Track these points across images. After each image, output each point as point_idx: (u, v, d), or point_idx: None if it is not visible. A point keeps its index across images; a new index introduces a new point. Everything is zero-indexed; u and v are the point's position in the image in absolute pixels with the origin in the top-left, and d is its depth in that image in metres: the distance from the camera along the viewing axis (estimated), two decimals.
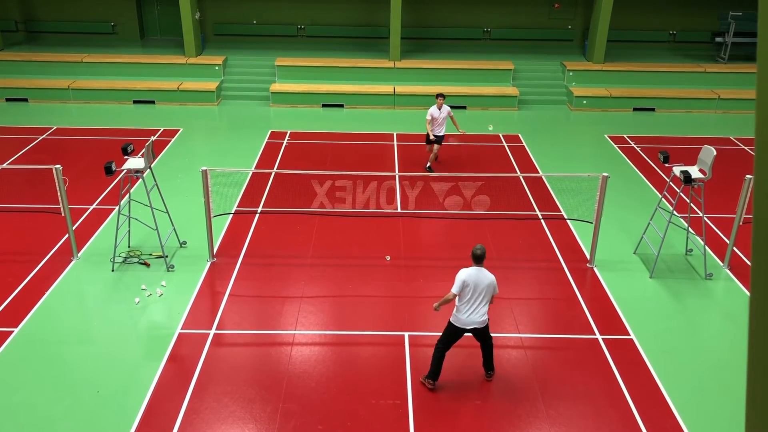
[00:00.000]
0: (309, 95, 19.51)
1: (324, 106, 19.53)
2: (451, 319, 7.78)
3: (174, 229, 11.27)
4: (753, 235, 2.19)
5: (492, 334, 8.99)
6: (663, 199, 12.13)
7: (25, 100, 19.36)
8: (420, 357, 8.62)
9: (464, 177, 13.57)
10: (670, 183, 11.42)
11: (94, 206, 12.72)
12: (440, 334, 8.01)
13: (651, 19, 22.60)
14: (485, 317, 7.71)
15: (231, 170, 13.66)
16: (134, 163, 10.38)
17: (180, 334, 9.05)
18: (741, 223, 10.63)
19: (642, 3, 22.22)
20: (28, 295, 9.84)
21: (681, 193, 10.79)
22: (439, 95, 14.10)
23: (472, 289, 7.52)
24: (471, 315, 7.60)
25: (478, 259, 7.63)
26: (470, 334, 7.86)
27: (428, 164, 14.49)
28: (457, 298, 7.61)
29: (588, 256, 11.09)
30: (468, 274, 7.55)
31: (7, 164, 14.43)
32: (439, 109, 14.04)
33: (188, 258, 10.92)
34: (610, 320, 9.52)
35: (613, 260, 11.11)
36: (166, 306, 9.68)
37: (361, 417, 7.64)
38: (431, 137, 14.24)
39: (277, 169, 14.66)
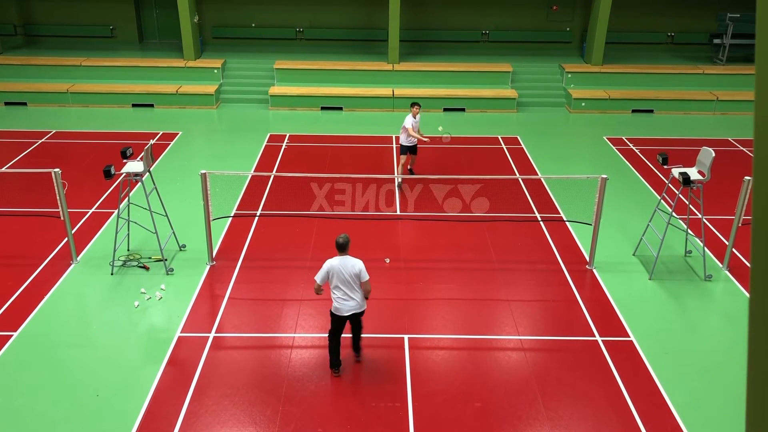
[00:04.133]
0: (308, 98, 19.52)
1: (323, 108, 19.55)
2: (331, 309, 8.05)
3: (173, 232, 11.27)
4: (752, 237, 2.19)
5: (491, 336, 9.00)
6: (662, 200, 12.14)
7: (24, 103, 19.36)
8: (420, 359, 8.62)
9: (463, 179, 13.57)
10: (669, 185, 11.43)
11: (93, 210, 12.72)
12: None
13: (649, 20, 22.65)
14: (361, 303, 7.97)
15: (230, 173, 13.66)
16: (133, 166, 10.38)
17: (179, 337, 9.05)
18: (740, 225, 10.64)
19: (640, 5, 22.27)
20: (28, 299, 9.83)
21: (680, 195, 10.79)
22: (414, 104, 13.64)
23: (337, 278, 7.77)
24: (345, 302, 7.88)
25: (341, 248, 7.87)
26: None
27: (410, 167, 14.19)
28: (332, 288, 7.90)
29: (587, 258, 11.10)
30: (332, 262, 7.83)
31: (7, 168, 14.42)
32: (415, 118, 13.51)
33: (187, 261, 10.92)
34: (609, 322, 9.52)
35: (613, 262, 11.11)
36: (165, 309, 9.67)
37: (361, 420, 7.64)
38: (407, 146, 13.66)
39: (276, 171, 14.66)
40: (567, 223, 12.27)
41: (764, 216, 2.12)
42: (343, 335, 8.24)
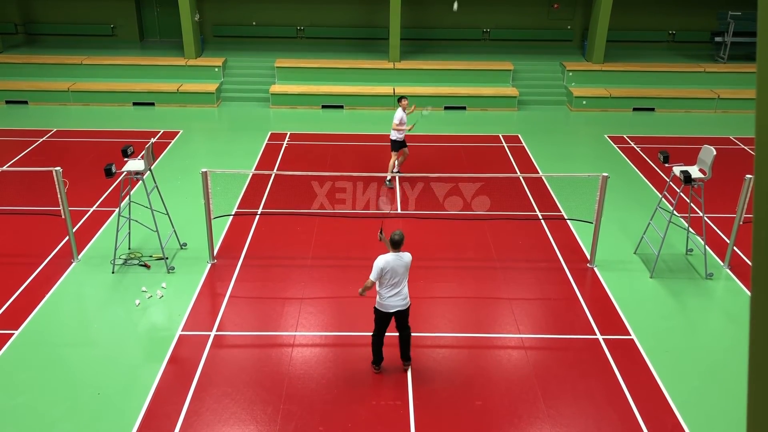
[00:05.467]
0: (309, 96, 19.51)
1: (324, 107, 19.54)
2: (375, 305, 8.01)
3: (174, 230, 11.27)
4: (753, 235, 2.19)
5: (492, 335, 9.02)
6: (663, 199, 12.13)
7: (25, 102, 19.36)
8: (421, 358, 8.62)
9: (464, 178, 13.56)
10: (670, 183, 11.42)
11: (94, 208, 12.73)
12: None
13: (650, 19, 22.61)
14: (407, 299, 7.95)
15: (231, 172, 13.66)
16: (134, 165, 10.38)
17: (180, 335, 9.05)
18: (741, 223, 10.63)
19: (641, 3, 22.23)
20: (29, 298, 9.84)
21: (681, 193, 10.78)
22: (402, 98, 13.55)
23: (390, 274, 7.76)
24: (393, 298, 7.86)
25: (396, 245, 7.84)
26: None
27: (397, 169, 13.98)
28: (378, 284, 7.87)
29: (588, 256, 11.09)
30: (386, 260, 7.78)
31: (8, 167, 14.43)
32: (404, 111, 13.42)
33: (188, 260, 10.92)
34: (610, 320, 9.52)
35: (614, 260, 11.11)
36: (166, 308, 9.68)
37: (362, 418, 7.64)
38: (399, 139, 13.54)
39: (277, 170, 14.66)
40: (568, 221, 12.27)
41: (765, 214, 2.11)
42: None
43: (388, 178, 13.73)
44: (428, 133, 16.22)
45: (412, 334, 8.34)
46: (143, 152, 10.38)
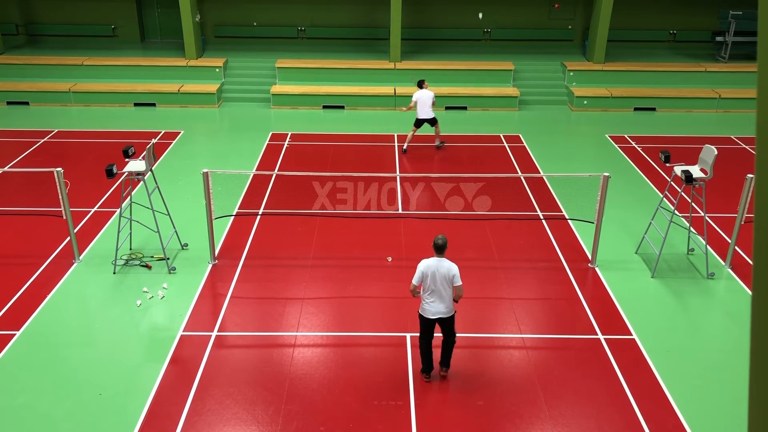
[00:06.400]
0: (309, 97, 19.52)
1: (325, 107, 19.55)
2: (419, 311, 7.95)
3: (175, 231, 11.28)
4: (754, 234, 2.19)
5: (494, 335, 9.01)
6: (664, 198, 12.12)
7: (26, 103, 19.38)
8: None
9: (465, 177, 13.56)
10: (671, 182, 11.41)
11: (95, 209, 12.74)
12: (442, 335, 8.05)
13: (651, 18, 22.60)
14: (449, 308, 7.84)
15: (232, 172, 13.67)
16: (135, 165, 10.39)
17: (182, 336, 9.06)
18: (743, 223, 10.62)
19: (642, 2, 22.22)
20: (30, 298, 9.84)
21: (682, 193, 10.78)
22: (421, 81, 15.56)
23: (431, 279, 7.64)
24: (433, 304, 7.76)
25: (438, 249, 7.72)
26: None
27: (437, 142, 15.87)
28: (423, 289, 7.77)
29: (589, 256, 11.09)
30: (426, 264, 7.68)
31: (9, 167, 14.45)
32: (421, 87, 15.37)
33: (190, 260, 10.93)
34: (611, 320, 9.52)
35: (615, 260, 11.10)
36: (167, 308, 9.69)
37: (364, 418, 7.64)
38: (420, 118, 15.43)
39: (278, 170, 14.67)
40: (569, 221, 12.26)
41: (767, 214, 2.11)
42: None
43: (404, 147, 15.71)
44: (429, 133, 16.20)
45: (414, 335, 8.33)
46: (144, 153, 10.39)
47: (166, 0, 22.50)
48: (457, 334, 8.27)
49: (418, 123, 15.50)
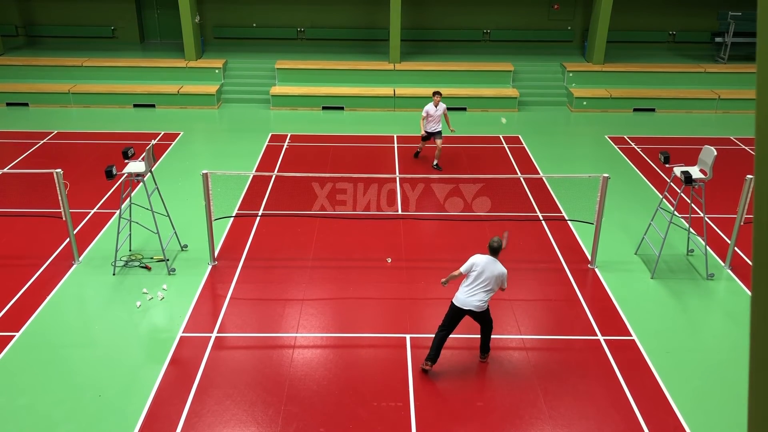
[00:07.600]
0: (309, 98, 19.52)
1: (324, 108, 19.55)
2: (453, 299, 8.13)
3: (175, 232, 11.27)
4: (754, 235, 2.19)
5: (493, 336, 9.01)
6: (664, 199, 12.13)
7: (26, 104, 19.38)
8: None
9: (465, 179, 13.56)
10: (671, 183, 11.42)
11: (95, 210, 12.73)
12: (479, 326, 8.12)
13: (650, 19, 22.61)
14: (482, 303, 8.03)
15: (232, 173, 13.66)
16: (135, 166, 10.39)
17: (181, 337, 9.06)
18: (742, 223, 10.63)
19: (641, 3, 22.24)
20: (30, 300, 9.84)
21: (682, 194, 10.78)
22: (436, 93, 14.44)
23: (477, 274, 7.94)
24: (468, 296, 7.98)
25: (493, 251, 8.07)
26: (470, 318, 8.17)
27: (435, 162, 14.81)
28: (466, 279, 8.04)
29: (589, 257, 11.09)
30: (480, 259, 8.01)
31: (9, 169, 14.44)
32: (436, 107, 14.38)
33: (189, 261, 10.93)
34: (611, 321, 9.52)
35: (614, 261, 11.10)
36: (167, 309, 9.68)
37: (363, 419, 7.64)
38: (423, 133, 14.64)
39: (277, 171, 14.67)
40: (569, 222, 12.27)
41: (766, 214, 2.11)
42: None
43: (435, 163, 14.86)
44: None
45: (414, 335, 8.32)
46: (144, 154, 10.39)
47: (166, 1, 22.50)
48: (458, 335, 8.27)
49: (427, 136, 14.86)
